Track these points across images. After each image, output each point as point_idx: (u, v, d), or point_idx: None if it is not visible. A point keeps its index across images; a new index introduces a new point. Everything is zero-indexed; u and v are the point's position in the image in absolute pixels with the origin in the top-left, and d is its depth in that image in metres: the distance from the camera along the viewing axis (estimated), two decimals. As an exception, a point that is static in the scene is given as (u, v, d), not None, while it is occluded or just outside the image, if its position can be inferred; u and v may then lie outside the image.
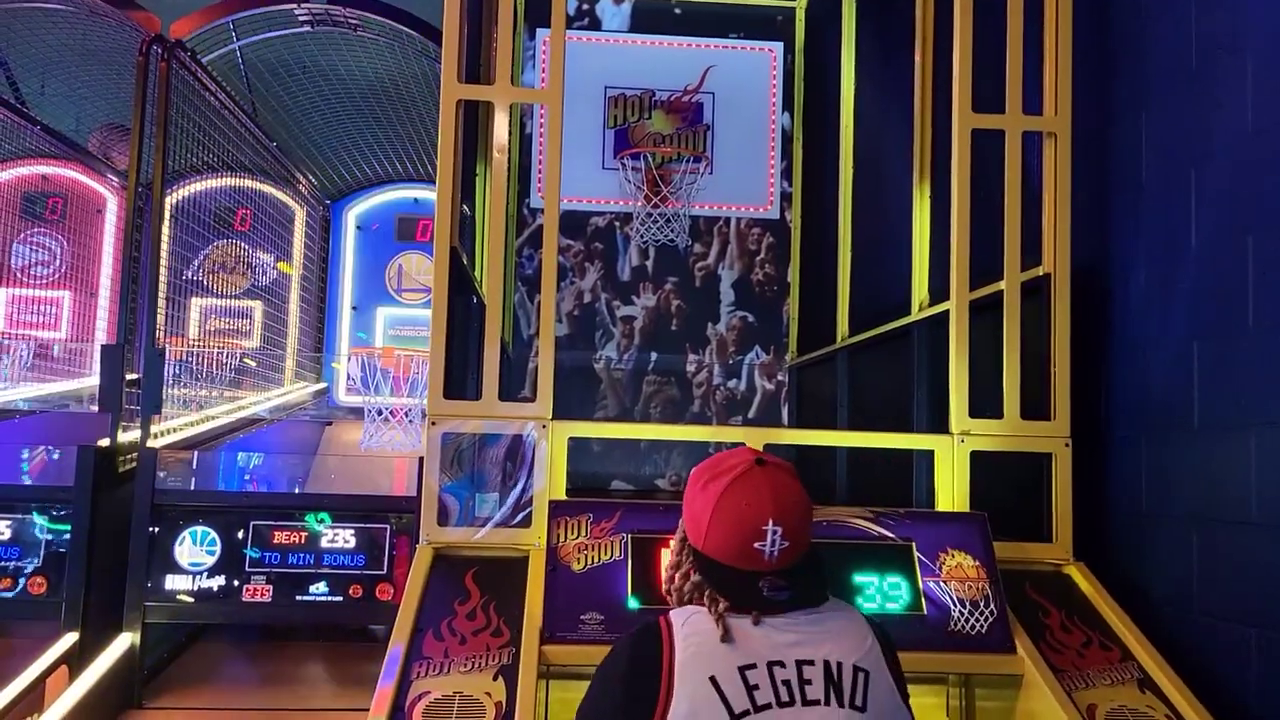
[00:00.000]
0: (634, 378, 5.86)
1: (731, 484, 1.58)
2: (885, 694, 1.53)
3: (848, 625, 1.59)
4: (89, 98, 6.76)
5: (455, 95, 2.79)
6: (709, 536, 1.59)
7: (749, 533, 1.55)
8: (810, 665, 1.50)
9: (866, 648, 1.56)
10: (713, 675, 1.48)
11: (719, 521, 1.57)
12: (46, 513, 3.34)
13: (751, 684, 1.48)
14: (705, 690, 1.47)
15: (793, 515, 1.57)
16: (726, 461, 1.63)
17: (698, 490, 1.63)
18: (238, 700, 3.40)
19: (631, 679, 1.52)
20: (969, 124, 2.89)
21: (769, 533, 1.54)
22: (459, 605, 2.39)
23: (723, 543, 1.57)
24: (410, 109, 7.22)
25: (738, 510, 1.56)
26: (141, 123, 3.88)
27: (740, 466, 1.59)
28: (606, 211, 5.90)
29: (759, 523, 1.54)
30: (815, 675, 1.50)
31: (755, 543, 1.54)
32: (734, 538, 1.56)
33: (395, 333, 8.70)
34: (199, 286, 5.26)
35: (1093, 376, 2.96)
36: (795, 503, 1.58)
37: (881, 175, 4.77)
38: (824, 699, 1.48)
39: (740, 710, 1.46)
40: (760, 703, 1.46)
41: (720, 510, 1.57)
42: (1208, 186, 2.58)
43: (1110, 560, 2.78)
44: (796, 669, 1.50)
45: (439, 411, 2.67)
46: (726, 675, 1.48)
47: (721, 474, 1.60)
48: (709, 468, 1.65)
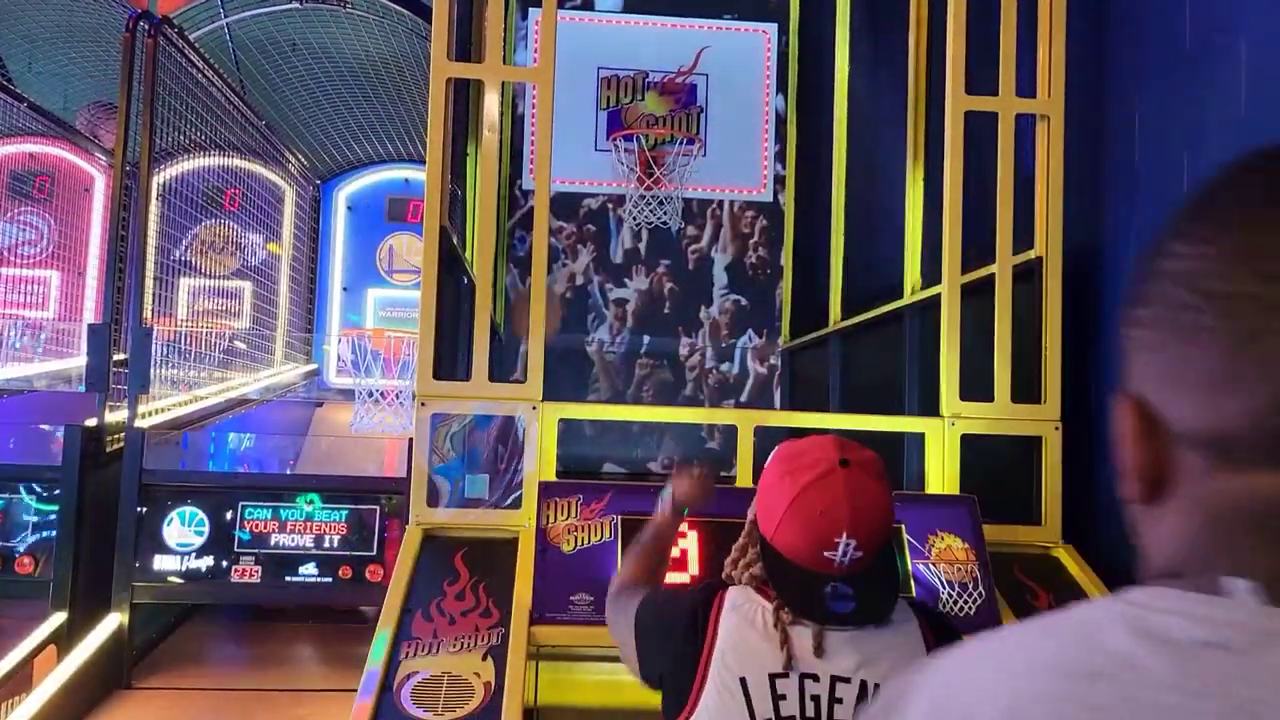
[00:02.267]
0: (626, 361, 5.86)
1: (811, 484, 1.49)
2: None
3: (902, 641, 1.52)
4: (77, 75, 6.71)
5: (445, 74, 2.76)
6: (779, 531, 1.52)
7: (821, 540, 1.47)
8: (845, 683, 1.45)
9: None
10: (743, 676, 1.45)
11: (791, 521, 1.50)
12: (34, 492, 3.33)
13: (779, 693, 1.44)
14: (734, 689, 1.45)
15: (871, 526, 1.48)
16: (810, 454, 1.53)
17: (774, 480, 1.55)
18: (227, 680, 3.41)
19: (679, 640, 1.53)
20: (962, 106, 2.87)
21: (842, 544, 1.46)
22: (448, 586, 2.39)
23: (793, 542, 1.50)
24: (401, 88, 7.19)
25: (812, 515, 1.48)
26: (129, 100, 3.85)
27: (822, 464, 1.50)
28: (599, 193, 5.88)
29: (833, 533, 1.46)
30: (848, 694, 1.44)
31: (826, 551, 1.47)
32: (805, 541, 1.48)
33: (386, 314, 8.68)
34: (188, 266, 5.22)
35: (1084, 360, 2.96)
36: (875, 513, 1.49)
37: (875, 158, 4.76)
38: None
39: (763, 718, 1.43)
40: (784, 714, 1.43)
41: (795, 510, 1.49)
42: (1201, 169, 2.57)
43: (1099, 543, 2.79)
44: (830, 685, 1.45)
45: (429, 392, 2.65)
46: (757, 679, 1.45)
47: (802, 469, 1.51)
48: (791, 457, 1.55)
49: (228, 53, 6.45)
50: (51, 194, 6.01)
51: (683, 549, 2.45)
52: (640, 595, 1.70)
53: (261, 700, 3.20)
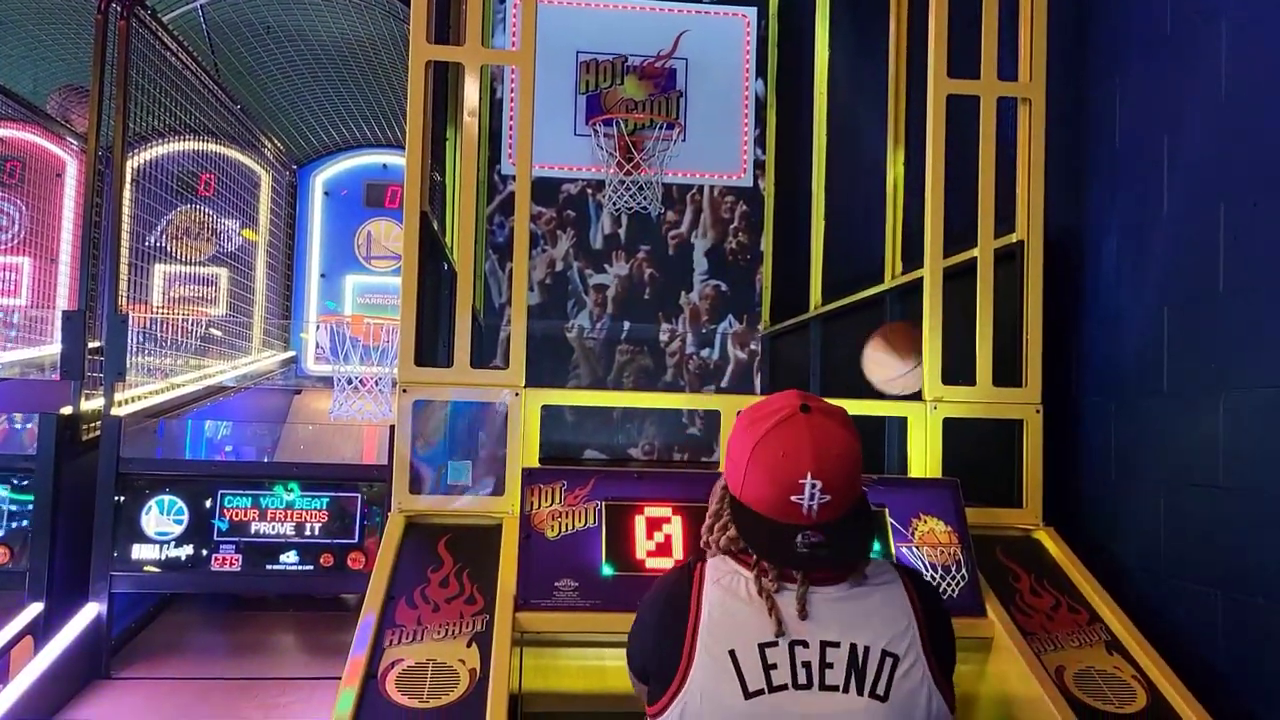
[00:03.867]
0: (607, 347, 5.84)
1: (771, 430, 1.46)
2: (915, 684, 1.44)
3: (887, 602, 1.49)
4: (47, 58, 6.59)
5: (424, 56, 2.73)
6: (746, 484, 1.49)
7: (786, 484, 1.44)
8: (835, 647, 1.43)
9: (903, 628, 1.46)
10: (732, 649, 1.43)
11: (756, 469, 1.47)
12: (8, 482, 3.28)
13: (769, 663, 1.42)
14: (724, 662, 1.42)
15: (836, 468, 1.44)
16: (771, 404, 1.52)
17: (737, 433, 1.53)
18: (207, 669, 3.39)
19: (659, 629, 1.51)
20: (944, 89, 2.87)
21: (807, 486, 1.42)
22: (432, 573, 2.38)
23: (759, 492, 1.47)
24: (378, 72, 7.11)
25: (775, 459, 1.45)
26: (101, 84, 3.78)
27: (783, 411, 1.48)
28: (578, 179, 5.85)
29: (796, 475, 1.43)
30: (839, 658, 1.42)
31: (793, 495, 1.43)
32: (770, 488, 1.45)
33: (364, 300, 8.62)
34: (163, 253, 5.16)
35: (1065, 343, 2.98)
36: (840, 454, 1.46)
37: (856, 142, 4.75)
38: (843, 685, 1.41)
39: (755, 689, 1.41)
40: (776, 683, 1.41)
41: (757, 457, 1.46)
42: (1181, 153, 2.58)
43: (1080, 525, 2.81)
44: (820, 650, 1.43)
45: (410, 379, 2.63)
46: (746, 649, 1.43)
47: (762, 418, 1.49)
48: (753, 409, 1.54)
49: (202, 35, 6.35)
50: (22, 179, 5.90)
51: (667, 534, 2.45)
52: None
53: (243, 689, 3.18)
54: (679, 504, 2.48)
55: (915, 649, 1.45)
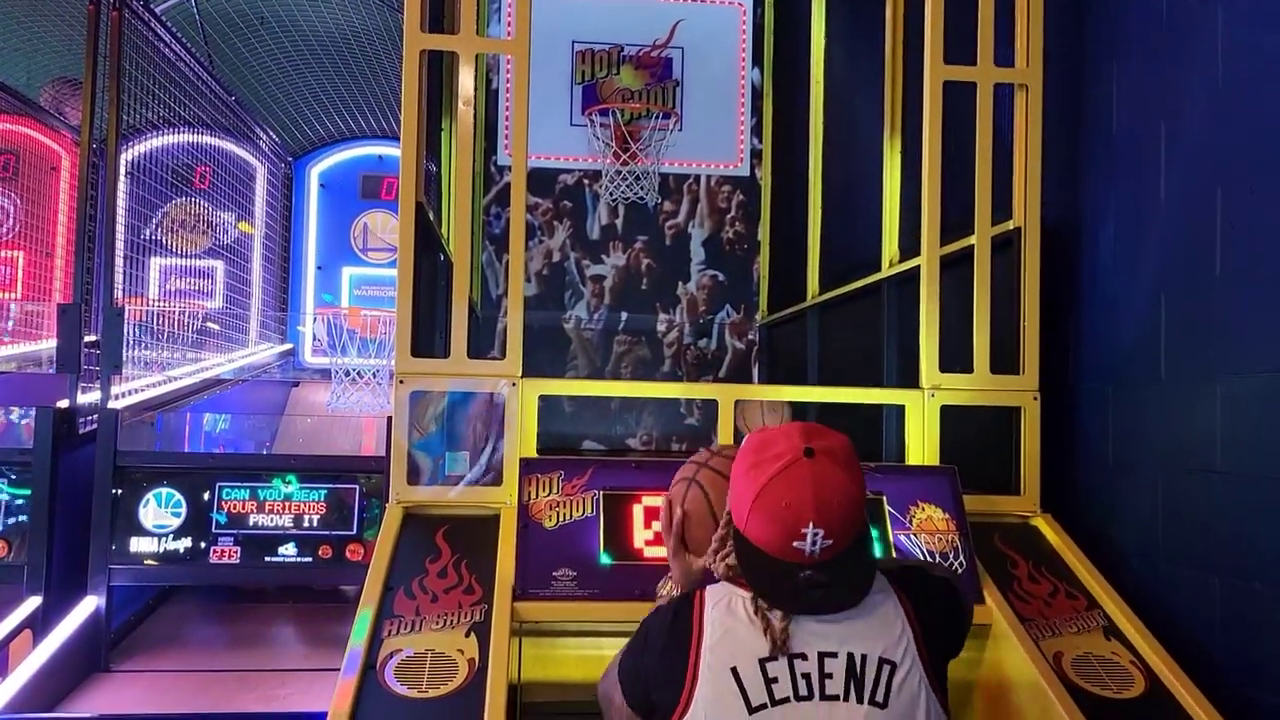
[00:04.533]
0: (604, 337, 5.83)
1: (775, 477, 1.50)
2: (913, 690, 1.49)
3: (881, 615, 1.54)
4: (40, 50, 6.56)
5: (419, 45, 2.72)
6: (750, 524, 1.54)
7: (788, 532, 1.49)
8: (833, 658, 1.48)
9: (897, 636, 1.52)
10: (734, 666, 1.48)
11: (759, 513, 1.52)
12: (5, 476, 3.28)
13: (770, 677, 1.47)
14: (726, 681, 1.47)
15: (837, 515, 1.49)
16: (774, 446, 1.54)
17: (742, 472, 1.57)
18: (207, 662, 3.38)
19: (663, 653, 1.54)
20: (940, 76, 2.86)
21: (809, 534, 1.48)
22: (430, 563, 2.38)
23: (763, 534, 1.52)
24: (373, 63, 7.09)
25: (778, 508, 1.50)
26: (94, 76, 3.76)
27: (786, 456, 1.51)
28: (575, 169, 5.83)
29: (799, 524, 1.48)
30: (837, 669, 1.48)
31: (794, 541, 1.49)
32: (774, 533, 1.51)
33: (361, 292, 8.60)
34: (159, 246, 5.14)
35: (1062, 330, 2.98)
36: (841, 501, 1.50)
37: (852, 131, 4.74)
38: (843, 694, 1.46)
39: (758, 704, 1.45)
40: (778, 696, 1.46)
41: (761, 503, 1.51)
42: (1178, 139, 2.58)
43: (1077, 511, 2.82)
44: (818, 661, 1.48)
45: (407, 370, 2.63)
46: (747, 666, 1.47)
47: (766, 461, 1.53)
48: (757, 449, 1.57)
49: (195, 27, 6.33)
50: (16, 173, 5.88)
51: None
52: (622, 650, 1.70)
53: (243, 681, 3.18)
54: (676, 494, 2.48)
55: (911, 655, 1.51)
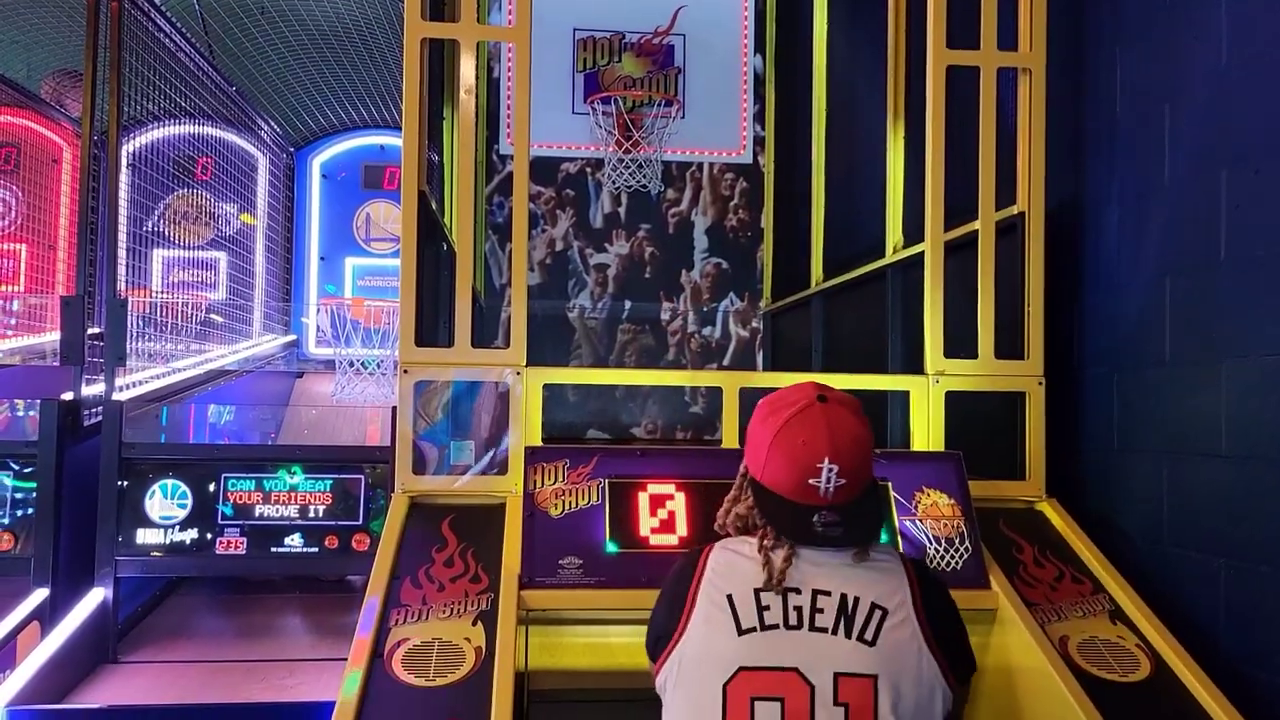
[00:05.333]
0: (608, 326, 5.83)
1: (790, 419, 1.61)
2: (904, 637, 1.55)
3: (883, 572, 1.61)
4: (40, 42, 6.54)
5: (420, 33, 2.71)
6: (767, 468, 1.63)
7: (805, 469, 1.57)
8: (826, 595, 1.55)
9: (893, 589, 1.58)
10: (730, 593, 1.56)
11: (776, 455, 1.61)
12: (11, 469, 3.29)
13: (763, 604, 1.54)
14: (721, 604, 1.56)
15: (850, 454, 1.58)
16: (789, 396, 1.65)
17: (758, 423, 1.67)
18: (214, 652, 3.40)
19: (667, 595, 1.66)
20: (944, 61, 2.85)
21: (824, 470, 1.56)
22: (436, 553, 2.38)
23: (780, 476, 1.61)
24: (374, 53, 7.07)
25: (794, 447, 1.59)
26: (94, 67, 3.75)
27: (801, 402, 1.62)
28: (577, 157, 5.82)
29: (814, 460, 1.57)
30: (829, 605, 1.54)
31: (810, 479, 1.57)
32: (790, 472, 1.59)
33: (364, 283, 8.60)
34: (161, 237, 5.14)
35: (1066, 314, 2.97)
36: (854, 441, 1.60)
37: (855, 117, 4.72)
38: (832, 628, 1.53)
39: (748, 626, 1.53)
40: (768, 622, 1.53)
41: (778, 445, 1.61)
42: (1181, 122, 2.56)
43: (1082, 495, 2.81)
44: (811, 597, 1.55)
45: (411, 360, 2.63)
46: (742, 594, 1.56)
47: (781, 408, 1.63)
48: (771, 401, 1.68)
49: (195, 17, 6.31)
50: (18, 165, 5.88)
51: (670, 511, 2.45)
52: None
53: (250, 671, 3.20)
54: (682, 481, 2.48)
55: (906, 609, 1.57)
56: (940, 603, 1.64)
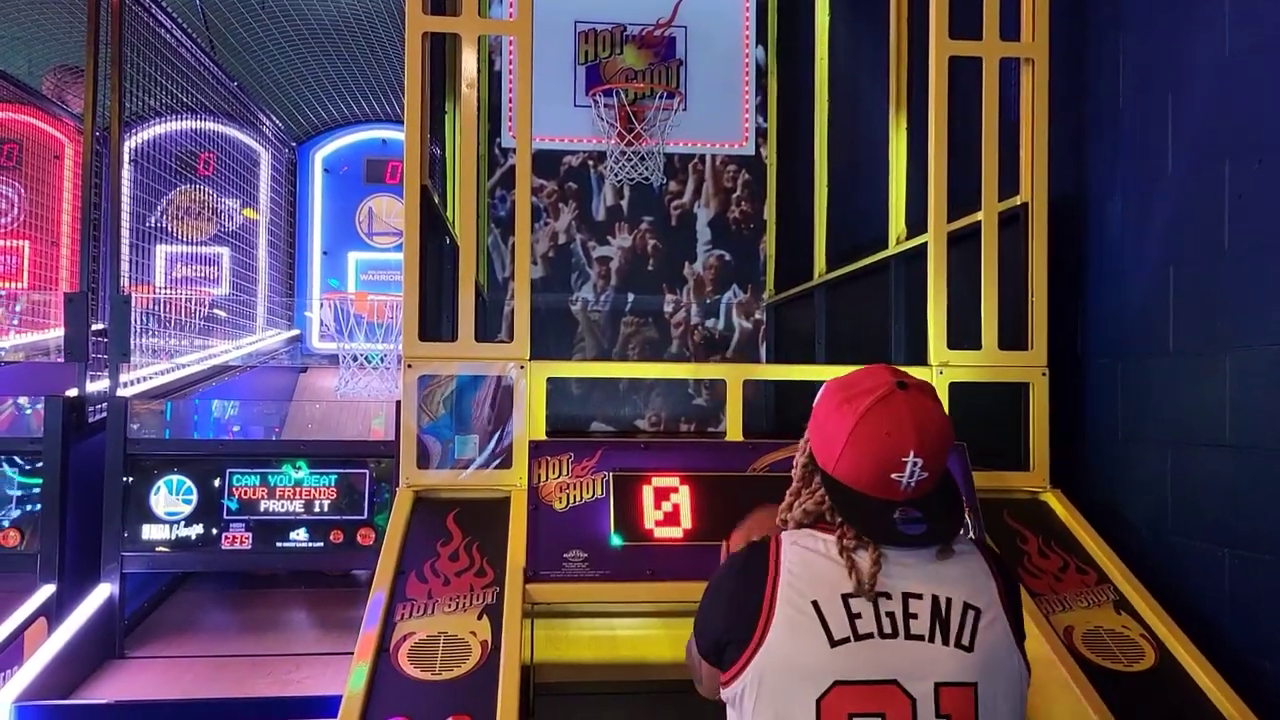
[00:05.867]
0: (611, 319, 5.83)
1: (872, 407, 1.46)
2: (998, 637, 1.46)
3: (966, 566, 1.51)
4: (40, 38, 6.54)
5: (421, 27, 2.71)
6: (842, 460, 1.48)
7: (888, 463, 1.44)
8: (918, 599, 1.44)
9: (982, 585, 1.49)
10: (815, 600, 1.44)
11: (855, 447, 1.46)
12: (16, 465, 3.29)
13: (854, 612, 1.43)
14: (808, 612, 1.43)
15: (935, 445, 1.46)
16: (865, 381, 1.50)
17: (831, 409, 1.51)
18: (221, 647, 3.40)
19: (736, 594, 1.50)
20: (946, 51, 2.84)
21: (909, 464, 1.43)
22: (441, 547, 2.39)
23: (857, 469, 1.47)
24: (376, 47, 7.06)
25: (877, 438, 1.45)
26: (95, 63, 3.75)
27: (881, 389, 1.47)
28: (579, 150, 5.82)
29: (899, 453, 1.43)
30: (922, 610, 1.44)
31: (893, 473, 1.44)
32: (871, 465, 1.45)
33: (368, 277, 8.60)
34: (164, 233, 5.14)
35: (1070, 305, 2.97)
36: (938, 431, 1.47)
37: (857, 108, 4.71)
38: (929, 634, 1.43)
39: (840, 637, 1.41)
40: (862, 632, 1.42)
41: (858, 435, 1.46)
42: (1185, 111, 2.56)
43: (1087, 486, 2.81)
44: (903, 601, 1.44)
45: (415, 354, 2.63)
46: (829, 600, 1.43)
47: (859, 394, 1.48)
48: (844, 386, 1.53)
49: (196, 12, 6.31)
50: (20, 162, 5.88)
51: (675, 504, 2.46)
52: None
53: (257, 665, 3.20)
54: (686, 474, 2.49)
55: (996, 606, 1.47)
56: (1017, 593, 1.56)
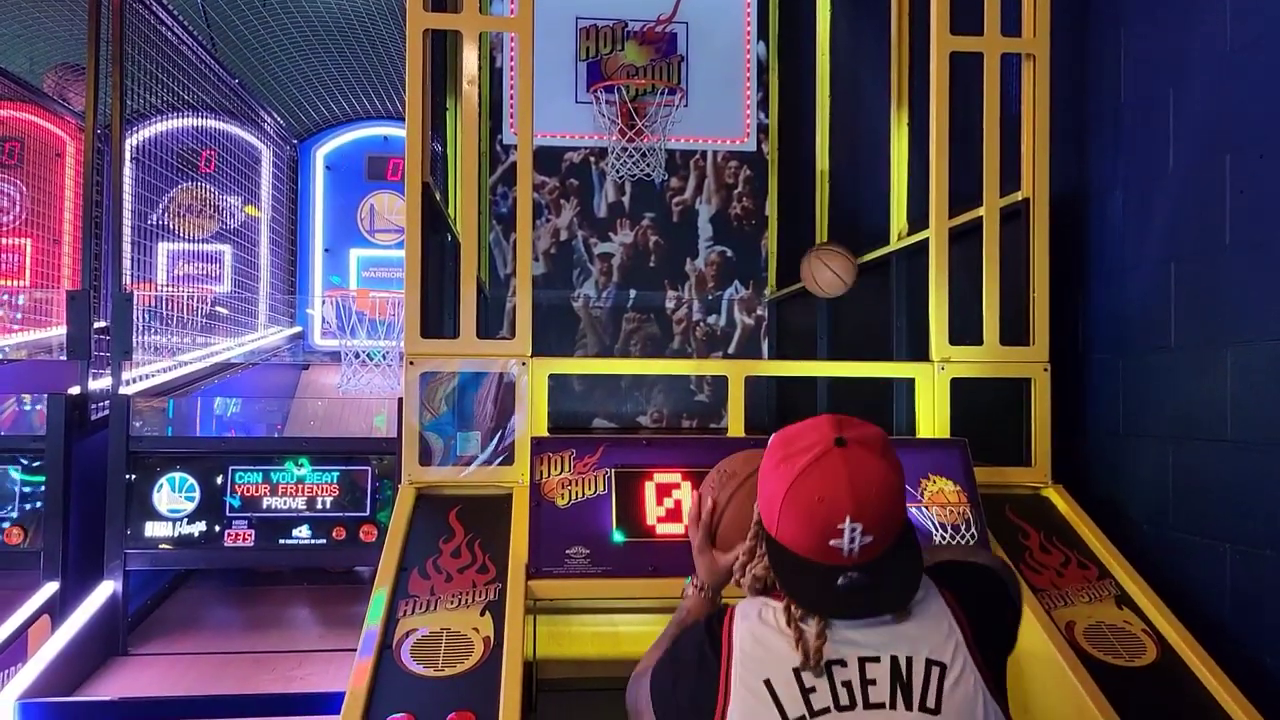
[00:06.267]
0: (613, 315, 5.83)
1: (805, 470, 1.36)
2: (968, 691, 1.35)
3: (924, 614, 1.40)
4: (42, 36, 6.54)
5: (422, 24, 2.71)
6: (781, 525, 1.40)
7: (824, 529, 1.34)
8: (874, 663, 1.35)
9: (944, 635, 1.38)
10: (767, 678, 1.36)
11: (790, 511, 1.38)
12: (19, 463, 3.30)
13: (808, 687, 1.34)
14: (760, 693, 1.35)
15: (877, 507, 1.35)
16: (804, 438, 1.40)
17: (770, 468, 1.43)
18: (224, 644, 3.41)
19: (689, 674, 1.43)
20: (947, 46, 2.84)
21: (846, 531, 1.34)
22: (444, 543, 2.39)
23: (796, 535, 1.38)
24: (377, 44, 7.05)
25: (810, 504, 1.35)
26: (96, 61, 3.75)
27: (816, 447, 1.37)
28: (581, 147, 5.81)
29: (834, 520, 1.34)
30: (880, 674, 1.35)
31: (831, 540, 1.34)
32: (807, 532, 1.36)
33: (369, 274, 8.60)
34: (165, 231, 5.15)
35: (1071, 300, 2.97)
36: (880, 493, 1.36)
37: (859, 103, 4.71)
38: (889, 701, 1.33)
39: (795, 716, 1.33)
40: (817, 707, 1.33)
41: (792, 500, 1.37)
42: (1186, 106, 2.55)
43: (1088, 481, 2.82)
44: (859, 668, 1.35)
45: (417, 351, 2.64)
46: (781, 677, 1.35)
47: (796, 452, 1.39)
48: (784, 442, 1.43)
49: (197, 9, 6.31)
50: (21, 160, 5.88)
51: (676, 500, 2.46)
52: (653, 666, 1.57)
53: (260, 662, 3.21)
54: (688, 470, 2.49)
55: (962, 655, 1.37)
56: (995, 618, 1.47)
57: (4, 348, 5.33)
